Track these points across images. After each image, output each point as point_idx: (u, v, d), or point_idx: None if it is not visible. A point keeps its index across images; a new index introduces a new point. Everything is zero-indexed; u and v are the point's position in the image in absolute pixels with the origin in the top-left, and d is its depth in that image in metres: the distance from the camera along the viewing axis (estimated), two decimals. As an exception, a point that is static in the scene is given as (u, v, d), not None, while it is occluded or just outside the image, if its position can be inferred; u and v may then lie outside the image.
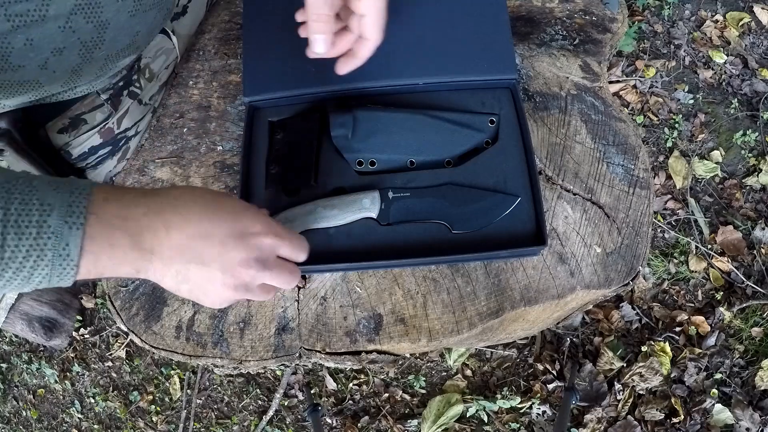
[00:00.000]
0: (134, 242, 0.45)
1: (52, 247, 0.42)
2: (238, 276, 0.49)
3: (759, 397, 1.43)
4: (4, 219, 0.40)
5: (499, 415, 1.49)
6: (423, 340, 0.65)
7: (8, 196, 0.41)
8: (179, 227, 0.46)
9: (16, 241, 0.40)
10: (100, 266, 0.44)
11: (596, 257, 0.68)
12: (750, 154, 1.72)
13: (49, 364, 1.75)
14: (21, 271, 0.42)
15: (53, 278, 0.43)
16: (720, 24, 1.90)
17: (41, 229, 0.41)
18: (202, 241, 0.47)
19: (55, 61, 0.53)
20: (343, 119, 0.65)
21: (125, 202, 0.45)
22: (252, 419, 1.59)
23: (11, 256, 0.41)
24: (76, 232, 0.42)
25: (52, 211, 0.41)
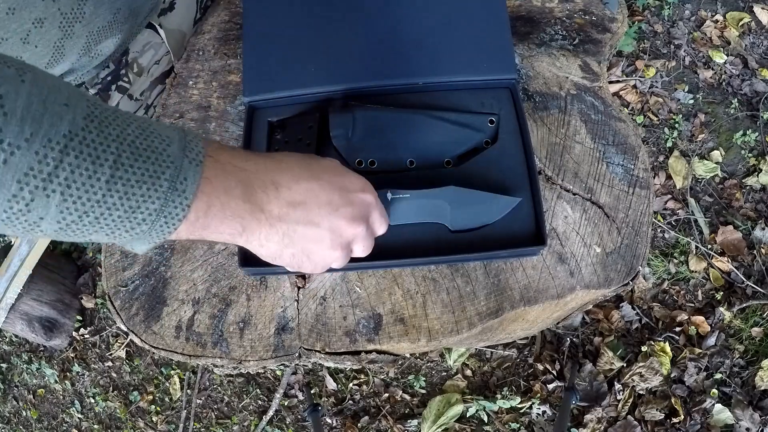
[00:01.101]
0: (247, 193, 0.42)
1: (170, 177, 0.37)
2: (345, 235, 0.48)
3: (759, 397, 1.43)
4: (121, 137, 0.36)
5: (499, 415, 1.49)
6: (422, 340, 0.65)
7: (121, 118, 0.37)
8: (288, 186, 0.44)
9: (131, 160, 0.36)
10: (209, 217, 0.41)
11: (596, 257, 0.68)
12: (750, 154, 1.72)
13: (49, 364, 1.75)
14: (128, 198, 0.36)
15: (160, 219, 0.38)
16: (720, 24, 1.90)
17: (160, 155, 0.37)
18: (309, 200, 0.45)
19: (37, 33, 0.53)
20: (342, 119, 0.65)
21: (236, 155, 0.43)
22: (252, 419, 1.60)
23: (123, 176, 0.36)
24: (196, 167, 0.39)
25: (172, 143, 0.38)
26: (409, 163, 0.67)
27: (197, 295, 0.69)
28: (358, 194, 0.49)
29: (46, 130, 0.33)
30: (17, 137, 0.32)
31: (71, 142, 0.34)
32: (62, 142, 0.33)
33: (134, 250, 0.42)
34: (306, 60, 0.59)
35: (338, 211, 0.47)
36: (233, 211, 0.42)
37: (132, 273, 0.71)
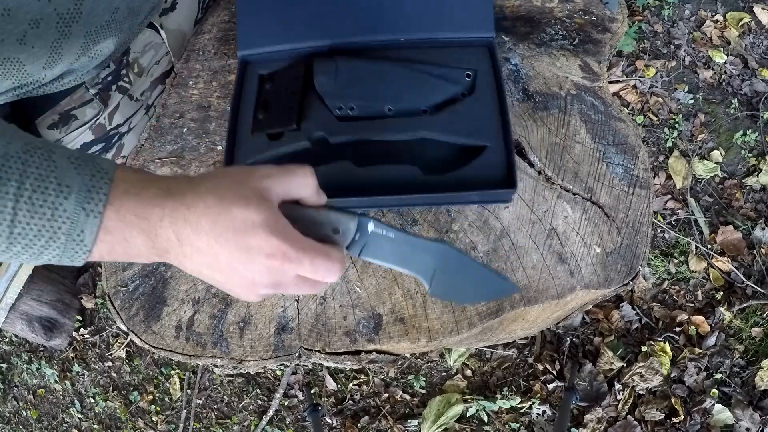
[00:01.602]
0: (150, 243, 0.43)
1: (66, 232, 0.40)
2: (253, 291, 0.46)
3: (759, 397, 1.43)
4: (18, 193, 0.38)
5: (499, 415, 1.49)
6: (422, 340, 0.65)
7: (24, 168, 0.39)
8: (190, 242, 0.43)
9: (28, 218, 0.39)
10: (114, 255, 0.43)
11: (596, 257, 0.68)
12: (750, 154, 1.72)
13: (49, 364, 1.75)
14: (30, 248, 0.40)
15: (64, 259, 0.42)
16: (720, 24, 1.90)
17: (56, 211, 0.39)
18: (211, 261, 0.44)
19: (33, 34, 0.53)
20: (326, 67, 0.68)
21: (144, 200, 0.42)
22: (252, 419, 1.60)
23: (21, 233, 0.39)
24: (93, 220, 0.40)
25: (70, 195, 0.39)
26: (388, 110, 0.69)
27: (197, 295, 0.69)
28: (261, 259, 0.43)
29: None
30: None
31: None
32: None
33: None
34: (296, 17, 0.66)
35: (236, 273, 0.44)
36: (136, 254, 0.43)
37: (132, 273, 0.71)
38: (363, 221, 0.50)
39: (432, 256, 0.52)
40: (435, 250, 0.52)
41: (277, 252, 0.43)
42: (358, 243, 0.50)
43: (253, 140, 0.68)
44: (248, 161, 0.67)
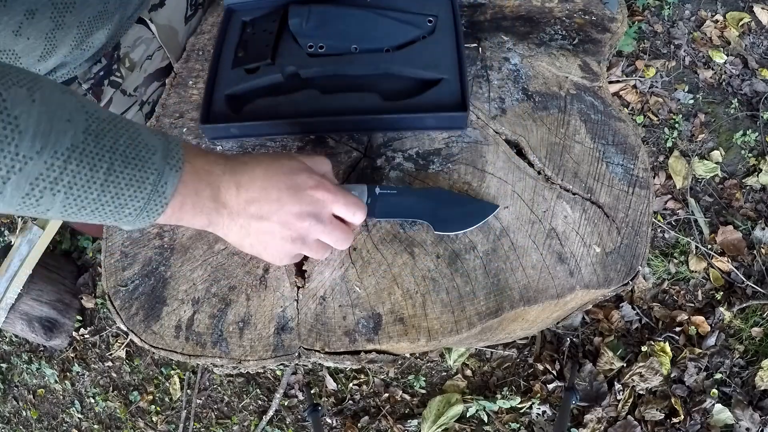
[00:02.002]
0: (214, 194, 0.51)
1: (153, 182, 0.46)
2: (294, 228, 0.55)
3: (759, 397, 1.43)
4: (114, 147, 0.44)
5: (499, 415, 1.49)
6: (422, 340, 0.65)
7: (116, 128, 0.45)
8: (246, 186, 0.52)
9: (122, 168, 0.44)
10: (184, 210, 0.50)
11: (596, 257, 0.68)
12: (750, 154, 1.72)
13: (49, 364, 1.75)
14: (118, 198, 0.45)
15: (143, 213, 0.47)
16: (720, 24, 1.90)
17: (146, 164, 0.45)
18: (262, 198, 0.53)
19: (29, 25, 0.54)
20: (299, 11, 0.76)
21: (210, 159, 0.51)
22: (252, 419, 1.60)
23: (115, 181, 0.44)
24: (175, 173, 0.47)
25: (156, 152, 0.46)
26: (354, 48, 0.75)
27: (197, 294, 0.69)
28: (307, 192, 0.55)
29: (53, 143, 0.40)
30: (30, 150, 0.39)
31: (73, 153, 0.42)
32: (66, 153, 0.41)
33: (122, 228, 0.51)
34: None
35: (285, 207, 0.54)
36: (202, 208, 0.51)
37: (132, 273, 0.71)
38: (371, 186, 0.65)
39: (430, 199, 0.65)
40: (431, 193, 0.66)
41: (320, 185, 0.55)
42: (372, 206, 0.64)
43: (232, 74, 0.76)
44: (227, 91, 0.74)
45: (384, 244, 0.68)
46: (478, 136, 0.72)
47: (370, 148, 0.73)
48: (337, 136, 0.74)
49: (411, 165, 0.71)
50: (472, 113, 0.74)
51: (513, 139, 0.72)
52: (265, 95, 0.74)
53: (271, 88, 0.75)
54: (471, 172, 0.70)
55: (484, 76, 0.76)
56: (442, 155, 0.71)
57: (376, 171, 0.71)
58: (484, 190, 0.69)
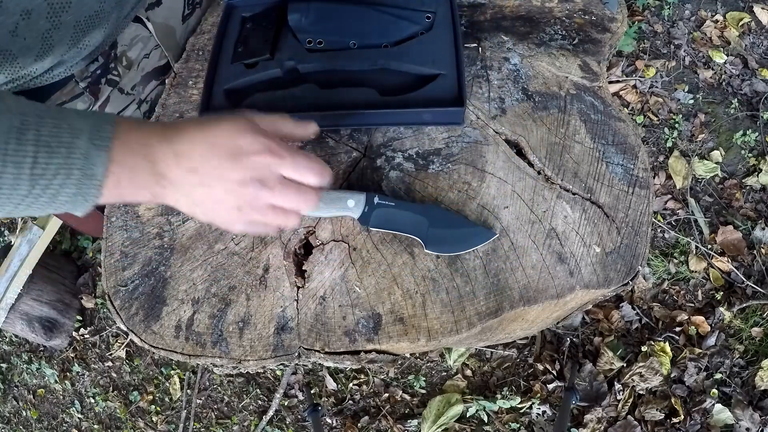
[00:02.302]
0: (151, 167, 0.48)
1: (81, 167, 0.45)
2: (239, 195, 0.51)
3: (759, 397, 1.43)
4: (37, 138, 0.43)
5: (499, 415, 1.49)
6: (422, 340, 0.65)
7: (40, 119, 0.44)
8: (185, 154, 0.49)
9: (47, 159, 0.44)
10: (122, 188, 0.48)
11: (595, 257, 0.68)
12: (750, 154, 1.72)
13: (49, 364, 1.75)
14: (49, 188, 0.45)
15: (78, 198, 0.46)
16: (720, 24, 1.90)
17: (71, 149, 0.44)
18: (203, 166, 0.50)
19: (25, 25, 0.54)
20: (299, 6, 0.77)
21: (145, 131, 0.49)
22: (252, 419, 1.60)
23: (41, 173, 0.44)
24: (103, 153, 0.45)
25: (81, 134, 0.45)
26: (352, 44, 0.75)
27: (197, 294, 0.69)
28: (251, 157, 0.50)
29: None
30: None
31: None
32: None
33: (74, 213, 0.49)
34: None
35: (226, 174, 0.50)
36: (141, 183, 0.49)
37: (132, 273, 0.71)
38: (370, 195, 0.65)
39: (426, 216, 0.65)
40: (428, 211, 0.66)
41: (264, 148, 0.50)
42: (368, 215, 0.65)
43: (232, 69, 0.76)
44: (226, 86, 0.74)
45: (384, 244, 0.68)
46: (478, 136, 0.72)
47: (370, 148, 0.73)
48: (336, 136, 0.74)
49: (411, 165, 0.71)
50: (472, 113, 0.74)
51: (513, 139, 0.72)
52: (263, 90, 0.74)
53: (270, 82, 0.75)
54: (471, 172, 0.70)
55: (483, 76, 0.76)
56: (442, 155, 0.71)
57: (376, 171, 0.71)
58: (484, 189, 0.69)
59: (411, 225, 0.66)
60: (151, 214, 0.73)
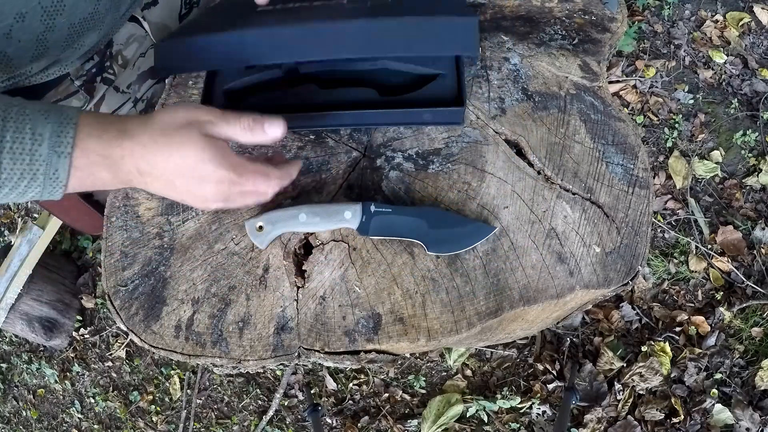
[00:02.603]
0: (113, 176, 0.51)
1: (44, 172, 0.48)
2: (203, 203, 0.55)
3: (759, 397, 1.43)
4: (1, 146, 0.46)
5: (499, 415, 1.49)
6: (422, 340, 0.65)
7: (3, 124, 0.46)
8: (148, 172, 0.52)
9: (11, 165, 0.47)
10: (86, 185, 0.51)
11: (595, 257, 0.68)
12: (750, 154, 1.72)
13: (49, 364, 1.75)
14: (16, 189, 0.49)
15: (45, 195, 0.50)
16: (720, 24, 1.90)
17: (33, 156, 0.47)
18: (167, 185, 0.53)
19: (19, 28, 0.55)
20: None
21: (105, 141, 0.50)
22: (252, 419, 1.60)
23: (8, 177, 0.47)
24: (64, 160, 0.48)
25: (43, 141, 0.47)
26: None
27: (197, 294, 0.69)
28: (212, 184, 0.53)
29: None
30: None
31: None
32: None
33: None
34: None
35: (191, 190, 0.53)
36: (105, 183, 0.52)
37: (132, 273, 0.71)
38: (366, 204, 0.65)
39: (424, 219, 0.66)
40: (426, 213, 0.66)
41: (224, 179, 0.53)
42: (366, 224, 0.65)
43: (231, 70, 0.74)
44: (226, 86, 0.73)
45: (384, 244, 0.68)
46: (477, 135, 0.72)
47: (369, 148, 0.73)
48: (336, 135, 0.74)
49: (411, 165, 0.71)
50: (472, 113, 0.74)
51: (513, 139, 0.72)
52: (263, 90, 0.74)
53: (270, 82, 0.74)
54: (471, 172, 0.70)
55: (483, 76, 0.76)
56: (441, 155, 0.71)
57: (376, 171, 0.71)
58: (484, 189, 0.69)
59: (410, 229, 0.66)
60: (151, 214, 0.73)
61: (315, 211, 0.66)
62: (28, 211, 1.94)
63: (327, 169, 0.72)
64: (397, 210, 0.66)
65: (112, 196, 0.75)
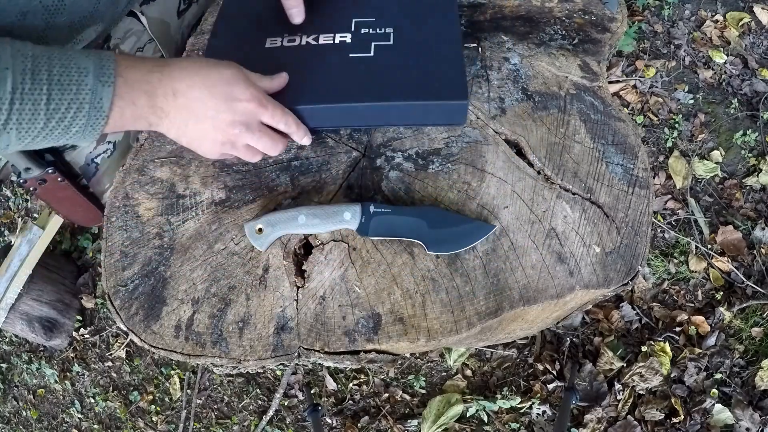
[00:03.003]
0: (151, 102, 0.56)
1: (90, 101, 0.52)
2: (226, 134, 0.60)
3: (759, 397, 1.43)
4: (50, 78, 0.50)
5: (499, 415, 1.49)
6: (422, 340, 0.65)
7: (50, 61, 0.50)
8: (183, 93, 0.57)
9: (60, 95, 0.50)
10: (124, 119, 0.55)
11: (595, 257, 0.68)
12: (750, 154, 1.72)
13: (49, 364, 1.75)
14: (63, 121, 0.52)
15: (88, 128, 0.54)
16: (720, 24, 1.90)
17: (80, 86, 0.51)
18: (198, 105, 0.58)
19: (20, 26, 0.56)
20: None
21: (144, 70, 0.55)
22: (252, 419, 1.60)
23: (56, 107, 0.51)
24: (108, 89, 0.52)
25: (89, 73, 0.51)
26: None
27: (197, 294, 0.69)
28: (242, 103, 0.59)
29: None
30: None
31: (14, 95, 0.48)
32: (8, 97, 0.48)
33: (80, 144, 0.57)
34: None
35: (219, 115, 0.59)
36: (141, 114, 0.56)
37: (132, 272, 0.71)
38: (365, 204, 0.66)
39: (424, 218, 0.66)
40: (425, 212, 0.66)
41: (254, 98, 0.59)
42: (365, 224, 0.65)
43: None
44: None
45: (384, 244, 0.68)
46: (477, 135, 0.72)
47: (369, 148, 0.73)
48: (336, 135, 0.74)
49: (411, 165, 0.71)
50: (472, 113, 0.74)
51: (513, 139, 0.72)
52: None
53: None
54: (471, 172, 0.70)
55: (483, 75, 0.76)
56: (441, 155, 0.71)
57: (376, 171, 0.71)
58: (484, 189, 0.69)
59: (410, 229, 0.66)
60: (151, 214, 0.73)
61: (314, 212, 0.66)
62: (28, 211, 1.94)
63: (327, 169, 0.72)
64: (396, 210, 0.66)
65: (112, 197, 0.75)
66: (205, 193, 0.73)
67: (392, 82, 0.69)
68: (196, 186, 0.73)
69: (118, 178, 0.76)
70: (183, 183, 0.74)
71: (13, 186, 1.97)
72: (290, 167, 0.73)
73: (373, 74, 0.70)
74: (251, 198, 0.72)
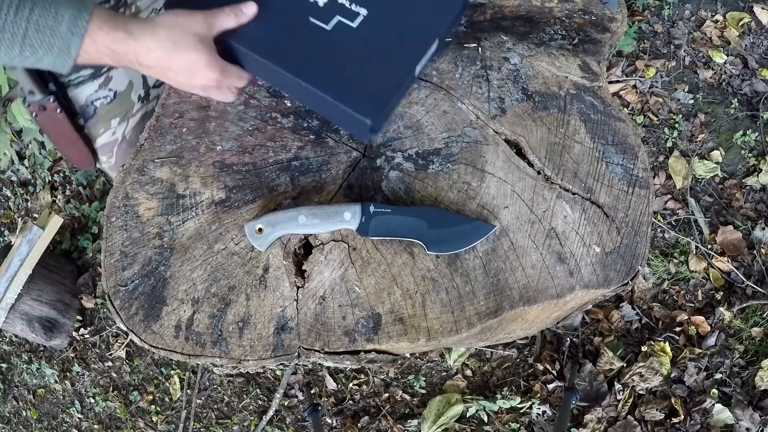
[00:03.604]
0: (116, 62, 0.63)
1: (59, 46, 0.58)
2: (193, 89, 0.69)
3: (759, 397, 1.43)
4: (29, 17, 0.56)
5: (499, 415, 1.49)
6: (422, 340, 0.65)
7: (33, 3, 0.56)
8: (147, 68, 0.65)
9: (34, 34, 0.57)
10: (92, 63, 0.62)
11: (595, 257, 0.68)
12: (750, 154, 1.72)
13: (49, 364, 1.75)
14: (35, 54, 0.59)
15: (57, 64, 0.60)
16: (720, 24, 1.90)
17: (53, 31, 0.57)
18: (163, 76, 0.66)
19: None
20: None
21: (113, 38, 0.61)
22: (252, 419, 1.60)
23: (30, 43, 0.57)
24: (77, 40, 0.58)
25: (63, 22, 0.57)
26: None
27: (197, 294, 0.69)
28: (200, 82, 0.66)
29: None
30: None
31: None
32: None
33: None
34: None
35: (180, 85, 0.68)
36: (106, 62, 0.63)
37: (132, 273, 0.71)
38: (365, 205, 0.66)
39: (424, 218, 0.66)
40: (425, 212, 0.66)
41: (212, 80, 0.66)
42: (365, 224, 0.65)
43: None
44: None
45: (384, 244, 0.68)
46: (477, 135, 0.72)
47: (369, 148, 0.73)
48: (336, 136, 0.74)
49: (411, 165, 0.71)
50: (472, 113, 0.74)
51: (513, 139, 0.72)
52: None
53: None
54: (471, 172, 0.70)
55: (483, 76, 0.76)
56: (441, 155, 0.71)
57: (376, 171, 0.71)
58: (484, 189, 0.69)
59: (410, 229, 0.66)
60: (151, 214, 0.73)
61: (314, 212, 0.66)
62: (28, 211, 1.94)
63: (327, 169, 0.72)
64: (396, 210, 0.66)
65: (112, 196, 0.75)
66: (205, 193, 0.73)
67: (322, 64, 0.66)
68: (196, 186, 0.73)
69: (118, 178, 0.76)
70: (183, 183, 0.74)
71: (13, 186, 1.97)
72: (290, 167, 0.73)
73: (314, 47, 0.67)
74: (251, 198, 0.72)
